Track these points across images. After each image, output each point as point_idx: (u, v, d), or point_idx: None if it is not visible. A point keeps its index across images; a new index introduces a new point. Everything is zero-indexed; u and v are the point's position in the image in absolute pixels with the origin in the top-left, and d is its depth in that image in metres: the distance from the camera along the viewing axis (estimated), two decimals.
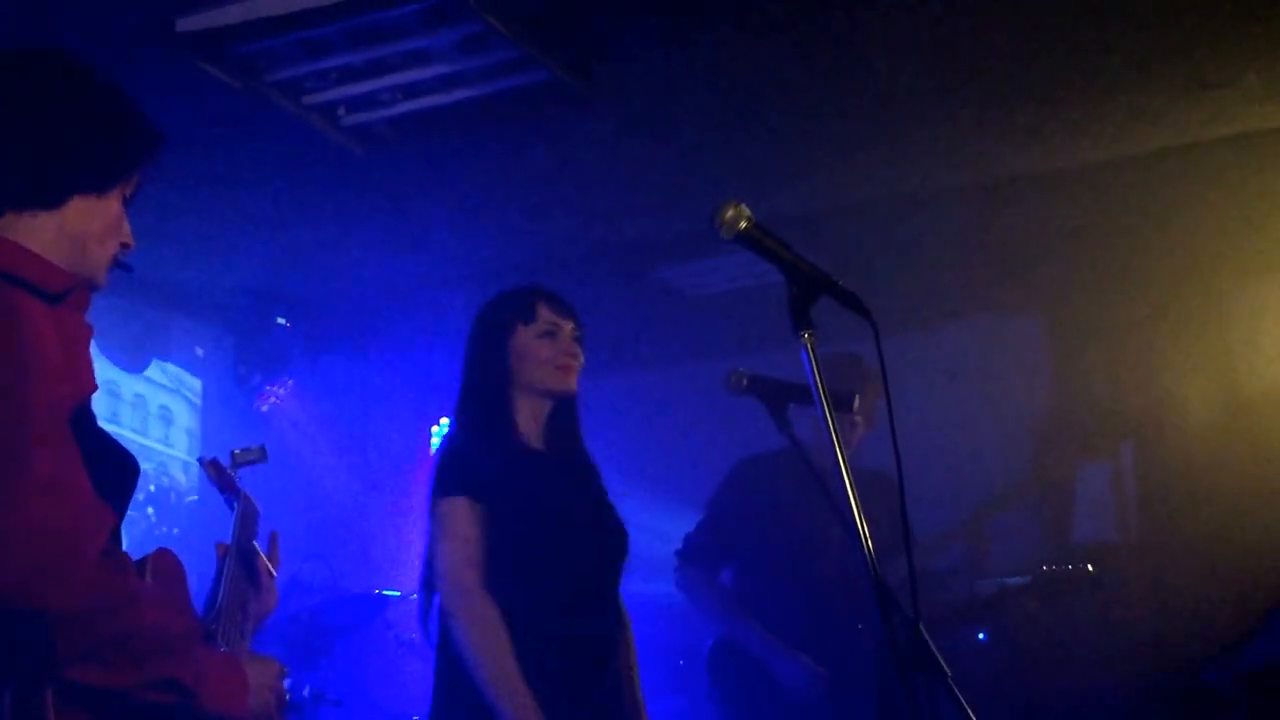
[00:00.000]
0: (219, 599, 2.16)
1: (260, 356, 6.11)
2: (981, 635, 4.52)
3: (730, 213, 1.97)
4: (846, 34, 3.68)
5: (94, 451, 1.73)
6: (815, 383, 1.91)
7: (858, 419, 3.96)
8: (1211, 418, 5.02)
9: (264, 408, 6.02)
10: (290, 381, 6.12)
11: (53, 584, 1.56)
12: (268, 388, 6.04)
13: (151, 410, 6.66)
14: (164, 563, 1.93)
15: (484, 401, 2.92)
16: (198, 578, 2.03)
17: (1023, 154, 4.56)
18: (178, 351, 6.31)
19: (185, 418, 6.83)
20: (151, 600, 1.75)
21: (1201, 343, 5.09)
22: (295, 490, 5.77)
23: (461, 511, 2.73)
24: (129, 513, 1.90)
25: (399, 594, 5.37)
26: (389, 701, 5.10)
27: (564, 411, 2.95)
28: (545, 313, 2.93)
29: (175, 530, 6.40)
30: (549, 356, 2.88)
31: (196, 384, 6.71)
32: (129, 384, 6.29)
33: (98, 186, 1.89)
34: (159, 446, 6.71)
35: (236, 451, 2.66)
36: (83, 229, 1.87)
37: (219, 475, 2.57)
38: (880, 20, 3.62)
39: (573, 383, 2.91)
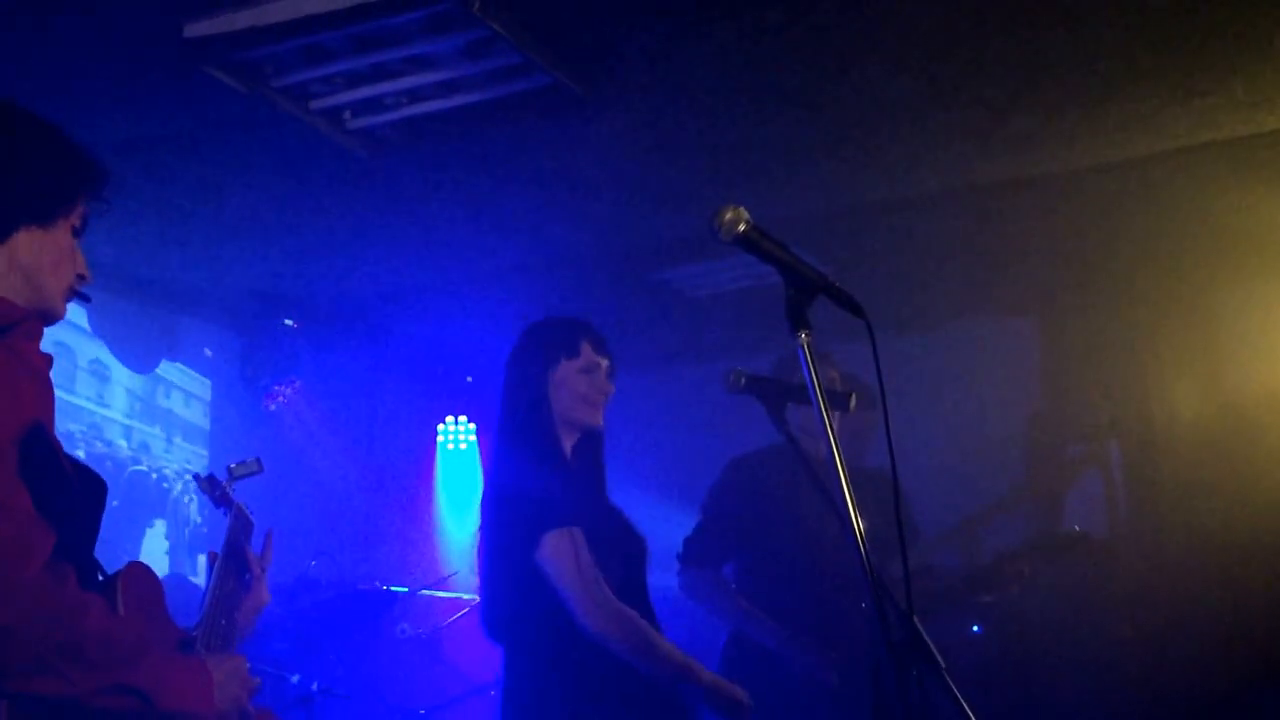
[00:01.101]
0: (205, 603, 2.21)
1: (268, 357, 6.14)
2: (976, 628, 4.57)
3: (729, 215, 2.00)
4: (843, 40, 3.72)
5: (49, 474, 1.78)
6: (812, 382, 1.96)
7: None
8: (1200, 416, 5.07)
9: (271, 407, 6.07)
10: (297, 381, 6.17)
11: None
12: (275, 387, 6.09)
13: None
14: (136, 576, 1.98)
15: (540, 431, 3.02)
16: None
17: (1016, 159, 4.58)
18: (186, 352, 6.33)
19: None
20: (94, 609, 1.76)
21: (1190, 344, 5.14)
22: (302, 488, 5.81)
23: (576, 539, 2.84)
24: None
25: (406, 590, 5.43)
26: (396, 696, 5.15)
27: (593, 442, 3.11)
28: (588, 350, 3.07)
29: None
30: (585, 393, 3.04)
31: None
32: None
33: (40, 219, 1.93)
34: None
35: (233, 465, 2.75)
36: (32, 261, 1.92)
37: (211, 489, 2.65)
38: (877, 27, 3.65)
39: (601, 419, 3.07)
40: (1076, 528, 4.30)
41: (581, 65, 3.84)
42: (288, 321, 6.13)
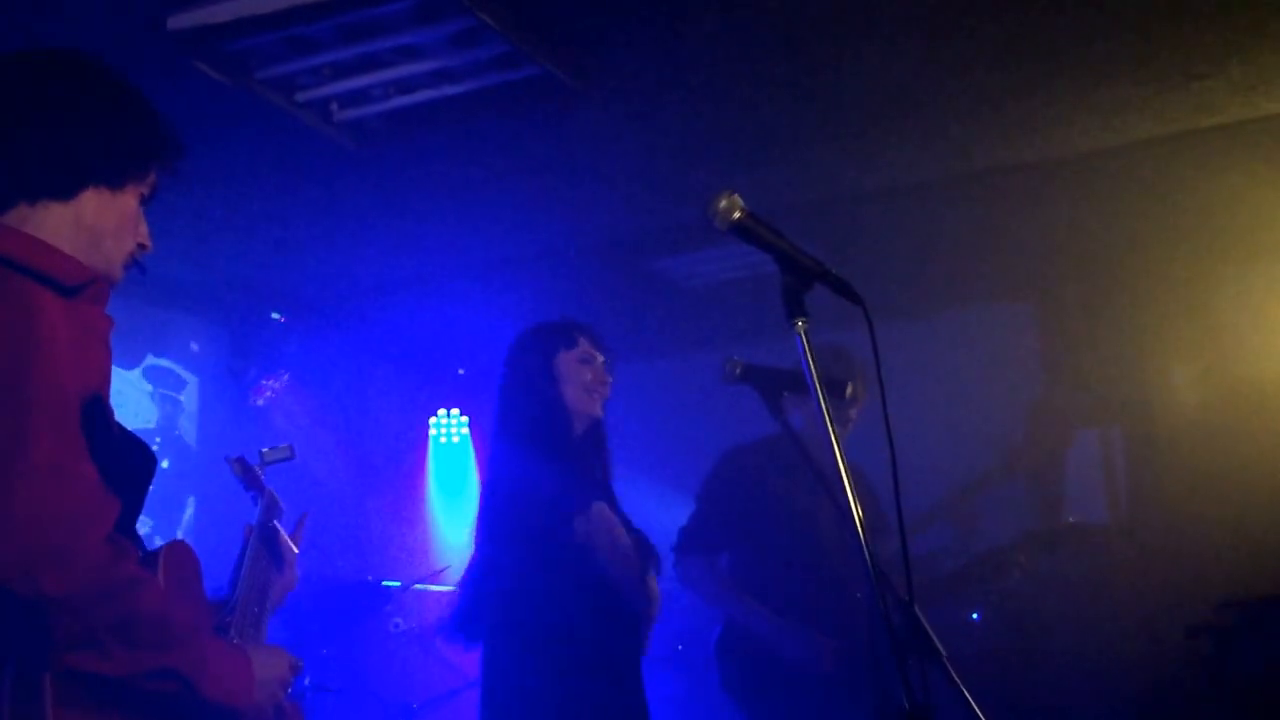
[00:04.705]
0: (239, 580, 2.22)
1: (255, 351, 6.13)
2: (975, 616, 4.57)
3: (724, 203, 1.99)
4: (837, 25, 3.69)
5: (105, 443, 1.74)
6: (809, 369, 1.94)
7: (851, 413, 4.03)
8: (1200, 402, 5.06)
9: (259, 401, 6.04)
10: (285, 375, 6.14)
11: (51, 568, 1.57)
12: (263, 381, 6.06)
13: None
14: (178, 555, 1.95)
15: (553, 425, 3.12)
16: None
17: (1013, 144, 4.57)
18: (173, 347, 6.32)
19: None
20: (152, 589, 1.74)
21: (1189, 328, 5.13)
22: (292, 482, 5.76)
23: (605, 514, 3.03)
24: None
25: (398, 584, 5.41)
26: (387, 690, 5.14)
27: (597, 432, 3.22)
28: (584, 342, 3.20)
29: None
30: (587, 380, 3.15)
31: None
32: None
33: (110, 180, 1.91)
34: None
35: (265, 450, 2.80)
36: (97, 223, 1.89)
37: (244, 472, 2.68)
38: (871, 11, 3.63)
39: (601, 407, 3.18)
40: (1071, 518, 4.31)
41: (571, 55, 3.81)
42: (275, 315, 6.10)
